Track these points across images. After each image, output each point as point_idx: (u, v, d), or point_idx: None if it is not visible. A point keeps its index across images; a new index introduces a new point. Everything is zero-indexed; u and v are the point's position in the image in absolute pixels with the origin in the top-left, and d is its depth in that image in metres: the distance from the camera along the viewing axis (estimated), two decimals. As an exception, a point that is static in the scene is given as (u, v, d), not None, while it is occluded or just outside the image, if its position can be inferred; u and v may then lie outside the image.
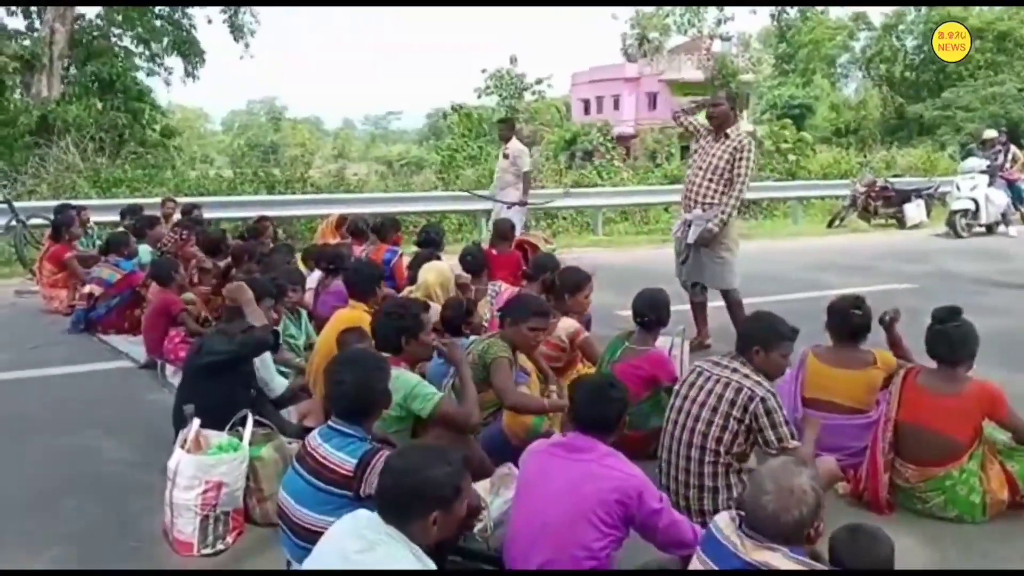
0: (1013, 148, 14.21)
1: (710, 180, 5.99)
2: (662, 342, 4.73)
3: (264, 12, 22.42)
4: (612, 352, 4.46)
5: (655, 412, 4.09)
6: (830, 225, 15.11)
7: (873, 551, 2.51)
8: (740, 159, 5.87)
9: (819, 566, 2.29)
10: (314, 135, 62.66)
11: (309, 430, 3.21)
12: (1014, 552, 3.38)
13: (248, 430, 3.52)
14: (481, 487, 3.30)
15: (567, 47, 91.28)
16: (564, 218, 15.41)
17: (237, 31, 21.68)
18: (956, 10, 35.28)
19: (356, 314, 4.63)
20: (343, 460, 2.79)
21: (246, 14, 21.76)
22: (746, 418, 3.33)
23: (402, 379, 3.49)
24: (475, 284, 5.90)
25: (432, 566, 2.22)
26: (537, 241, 8.21)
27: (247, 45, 21.89)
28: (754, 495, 2.31)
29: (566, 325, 4.78)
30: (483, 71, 36.98)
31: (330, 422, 2.94)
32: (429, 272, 5.98)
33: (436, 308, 5.26)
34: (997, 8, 35.01)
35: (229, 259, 6.70)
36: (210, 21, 21.75)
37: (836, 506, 3.66)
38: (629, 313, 4.65)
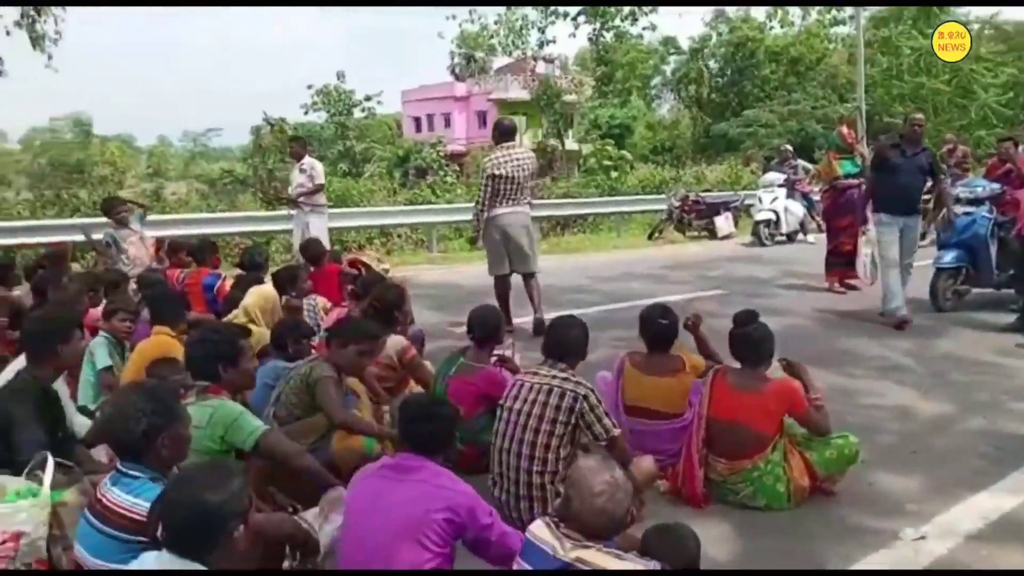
0: (799, 162, 15.62)
1: None
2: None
3: (67, 22, 20.57)
4: (447, 369, 4.48)
5: (490, 427, 4.15)
6: (650, 237, 15.98)
7: (679, 547, 2.68)
8: None
9: (629, 557, 2.42)
10: (125, 153, 58.65)
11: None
12: (817, 535, 3.67)
13: (48, 474, 3.22)
14: (310, 514, 3.21)
15: (395, 65, 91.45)
16: (399, 236, 15.35)
17: (38, 40, 19.85)
18: (754, 33, 38.55)
19: (161, 340, 4.41)
20: (133, 504, 2.61)
21: (47, 21, 20.00)
22: (572, 419, 3.49)
23: (223, 410, 3.32)
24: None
25: None
26: (370, 261, 8.15)
27: (50, 56, 20.12)
28: (585, 498, 2.40)
29: (395, 343, 4.75)
30: (309, 87, 36.14)
31: (117, 465, 2.75)
32: (251, 295, 5.80)
33: (260, 332, 5.10)
34: (790, 33, 38.54)
35: (30, 292, 6.14)
36: (8, 33, 19.84)
37: (657, 503, 3.86)
38: (462, 329, 4.70)
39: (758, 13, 38.23)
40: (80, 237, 9.47)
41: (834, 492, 4.02)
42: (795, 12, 36.96)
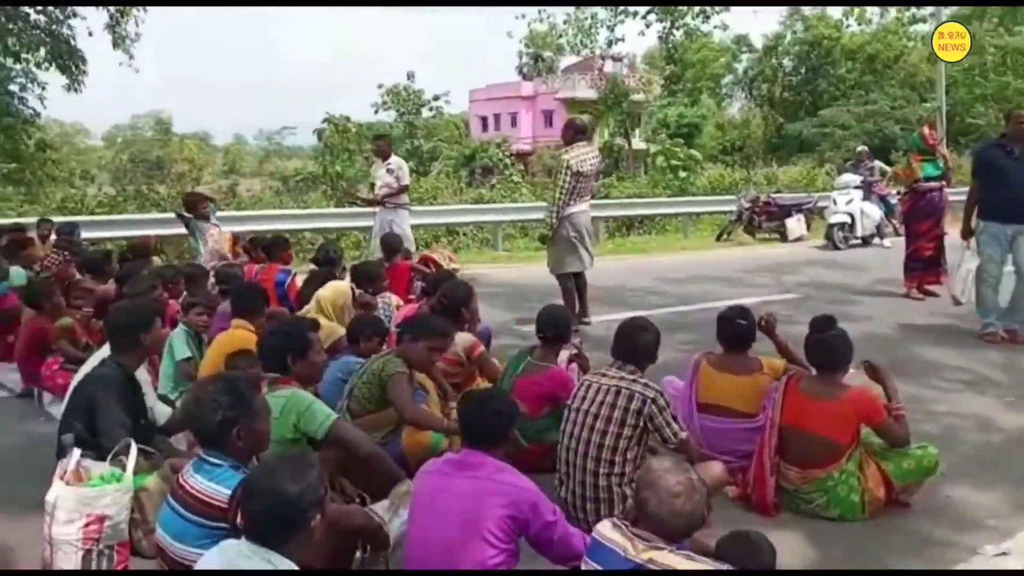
0: (876, 163, 15.15)
1: None
2: (564, 356, 4.81)
3: (148, 23, 21.31)
4: (515, 367, 4.49)
5: (555, 427, 4.15)
6: (718, 239, 15.70)
7: (755, 555, 2.63)
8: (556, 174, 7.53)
9: (702, 560, 2.40)
10: (203, 150, 60.53)
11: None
12: (892, 548, 3.56)
13: (132, 459, 3.36)
14: (380, 507, 3.26)
15: (464, 64, 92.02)
16: (465, 234, 15.47)
17: (119, 40, 20.64)
18: (830, 31, 37.54)
19: (239, 334, 4.52)
20: (216, 491, 2.69)
21: (130, 22, 20.79)
22: (641, 421, 3.46)
23: (295, 399, 3.41)
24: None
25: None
26: (441, 259, 8.23)
27: (131, 56, 20.90)
28: (663, 498, 2.38)
29: (462, 339, 4.79)
30: (379, 86, 36.78)
31: (200, 452, 2.83)
32: (327, 288, 5.92)
33: (331, 326, 5.20)
34: (868, 31, 37.42)
35: (113, 283, 6.40)
36: (91, 34, 20.67)
37: (725, 509, 3.78)
38: (528, 328, 4.70)
39: (835, 11, 37.24)
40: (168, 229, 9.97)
41: (909, 504, 3.89)
42: (873, 10, 35.87)
